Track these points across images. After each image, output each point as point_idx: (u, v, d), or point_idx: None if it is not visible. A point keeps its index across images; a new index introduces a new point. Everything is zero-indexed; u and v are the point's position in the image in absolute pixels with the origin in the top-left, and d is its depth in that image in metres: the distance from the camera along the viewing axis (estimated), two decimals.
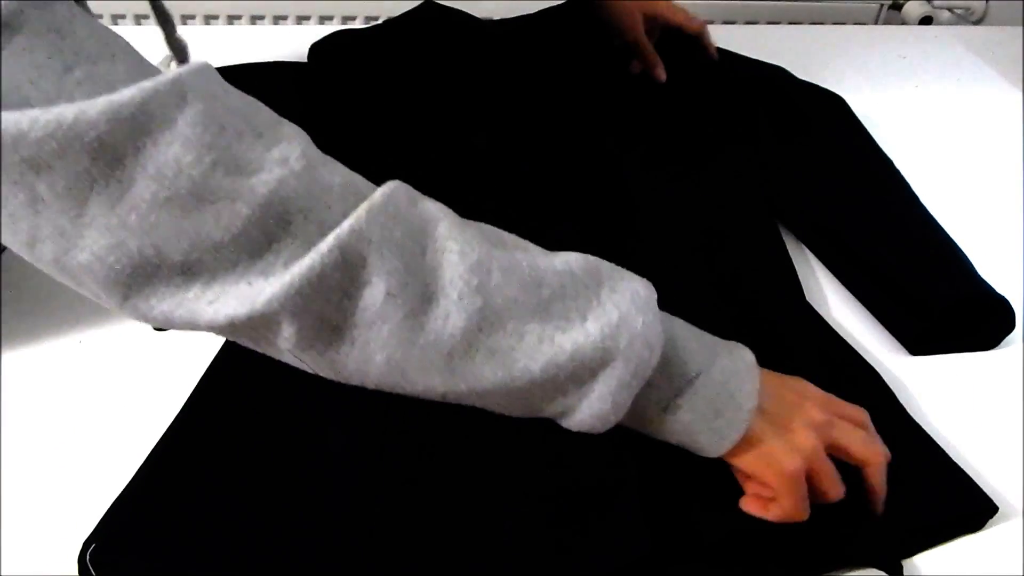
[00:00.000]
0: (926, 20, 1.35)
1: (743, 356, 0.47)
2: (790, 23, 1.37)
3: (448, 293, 0.40)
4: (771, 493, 0.46)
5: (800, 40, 1.15)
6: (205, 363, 0.60)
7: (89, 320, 0.65)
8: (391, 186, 0.42)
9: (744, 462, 0.46)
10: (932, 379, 0.63)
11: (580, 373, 0.42)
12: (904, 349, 0.65)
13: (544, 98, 0.89)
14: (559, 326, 0.41)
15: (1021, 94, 1.03)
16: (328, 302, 0.39)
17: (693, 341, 0.46)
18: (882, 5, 1.39)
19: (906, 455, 0.55)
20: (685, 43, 0.98)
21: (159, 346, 0.63)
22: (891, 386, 0.61)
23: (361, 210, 0.40)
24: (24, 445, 0.56)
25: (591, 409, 0.43)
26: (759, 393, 0.45)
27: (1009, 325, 0.66)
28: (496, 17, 1.04)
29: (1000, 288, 0.66)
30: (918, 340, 0.65)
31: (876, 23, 1.41)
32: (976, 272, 0.68)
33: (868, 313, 0.68)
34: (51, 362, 0.62)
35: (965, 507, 0.53)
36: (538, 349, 0.41)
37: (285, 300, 0.38)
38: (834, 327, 0.65)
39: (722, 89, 0.90)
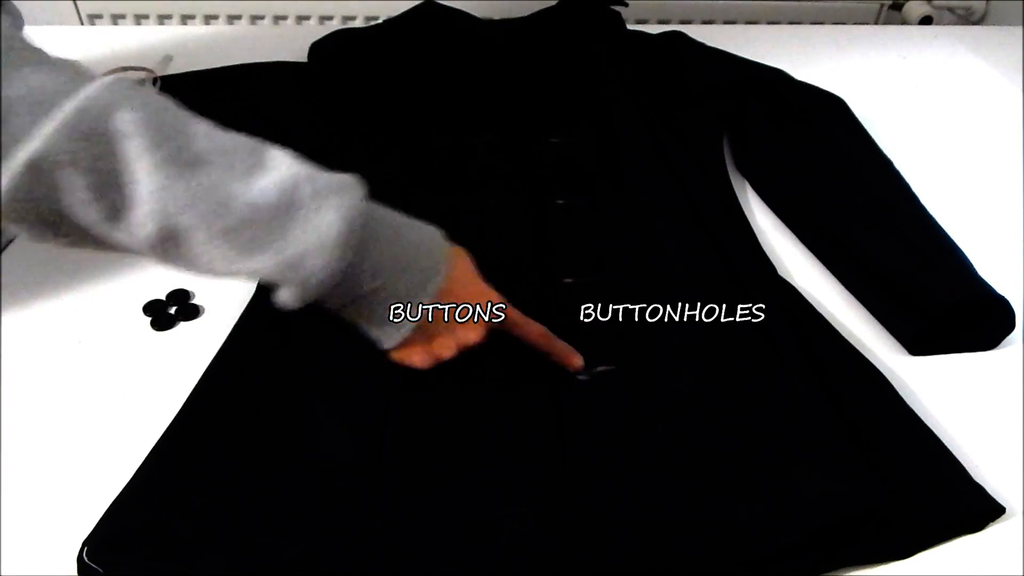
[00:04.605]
0: (926, 20, 1.35)
1: (430, 277, 0.51)
2: (790, 23, 1.37)
3: (139, 206, 0.43)
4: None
5: (800, 40, 1.15)
6: (204, 363, 0.60)
7: (89, 320, 0.65)
8: (87, 98, 0.41)
9: (394, 353, 0.53)
10: (932, 379, 0.63)
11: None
12: (904, 349, 0.66)
13: (541, 97, 0.89)
14: (244, 252, 0.45)
15: (1021, 94, 1.03)
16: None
17: (387, 254, 0.49)
18: (882, 5, 1.39)
19: (912, 456, 0.55)
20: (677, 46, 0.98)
21: (158, 346, 0.63)
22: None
23: (50, 128, 0.40)
24: (24, 445, 0.56)
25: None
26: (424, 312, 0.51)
27: (1009, 325, 0.66)
28: (496, 17, 1.04)
29: (1000, 288, 0.66)
30: (918, 340, 0.65)
31: (876, 23, 1.41)
32: (976, 272, 0.68)
33: (868, 313, 0.69)
34: (51, 362, 0.62)
35: (971, 507, 0.53)
36: (226, 266, 0.45)
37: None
38: (835, 327, 0.65)
39: (708, 90, 0.91)
